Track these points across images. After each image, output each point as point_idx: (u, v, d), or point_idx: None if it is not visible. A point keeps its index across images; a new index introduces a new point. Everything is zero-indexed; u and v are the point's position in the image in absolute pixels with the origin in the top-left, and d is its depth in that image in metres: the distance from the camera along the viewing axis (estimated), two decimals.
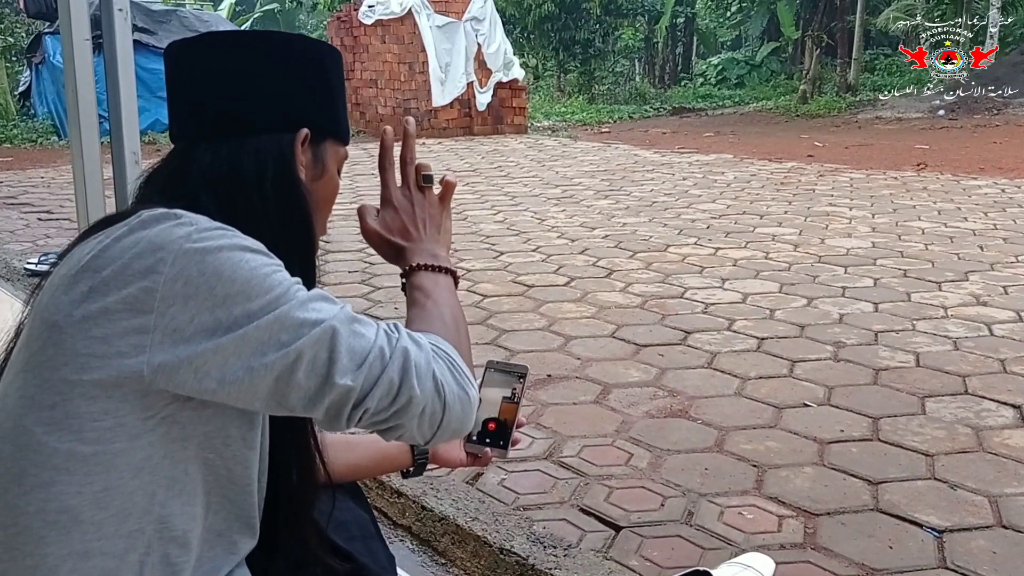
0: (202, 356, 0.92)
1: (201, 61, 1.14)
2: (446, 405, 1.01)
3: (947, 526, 2.35)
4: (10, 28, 16.84)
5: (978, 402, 3.18)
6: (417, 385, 0.98)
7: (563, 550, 2.24)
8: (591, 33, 21.54)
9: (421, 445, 1.07)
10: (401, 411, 0.98)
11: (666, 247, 5.88)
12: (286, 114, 1.12)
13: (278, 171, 1.11)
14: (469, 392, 1.04)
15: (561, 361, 3.67)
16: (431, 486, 2.53)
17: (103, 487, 0.95)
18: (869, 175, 9.22)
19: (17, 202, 7.94)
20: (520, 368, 1.49)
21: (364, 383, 0.95)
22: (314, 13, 28.86)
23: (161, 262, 0.93)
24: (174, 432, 0.98)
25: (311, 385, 0.94)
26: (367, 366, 0.96)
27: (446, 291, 1.19)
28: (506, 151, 11.76)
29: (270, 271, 0.97)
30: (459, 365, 1.05)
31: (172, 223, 0.97)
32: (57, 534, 0.95)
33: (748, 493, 2.54)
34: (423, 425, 1.00)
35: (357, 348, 0.96)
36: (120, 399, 0.94)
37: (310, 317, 0.95)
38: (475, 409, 1.06)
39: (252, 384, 0.93)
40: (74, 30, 2.48)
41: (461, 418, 1.03)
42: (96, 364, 0.93)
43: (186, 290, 0.92)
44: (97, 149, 2.64)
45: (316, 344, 0.94)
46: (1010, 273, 5.07)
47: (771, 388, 3.34)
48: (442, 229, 1.26)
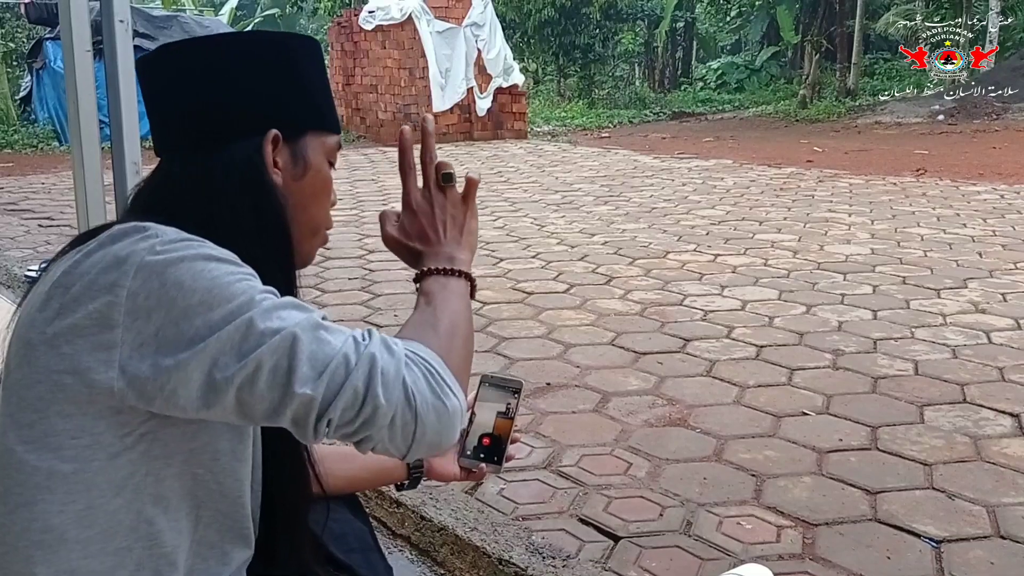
0: (166, 372, 0.91)
1: (162, 75, 1.13)
2: (417, 415, 0.94)
3: (945, 536, 2.36)
4: (11, 33, 16.88)
5: (976, 411, 3.18)
6: (383, 394, 0.92)
7: (562, 560, 2.24)
8: (591, 38, 21.56)
9: (400, 458, 0.98)
10: (368, 422, 0.92)
11: (665, 254, 5.89)
12: (249, 118, 1.09)
13: (248, 179, 1.08)
14: (447, 401, 0.96)
15: (560, 369, 3.68)
16: (430, 496, 2.54)
17: (85, 505, 0.96)
18: (868, 181, 9.22)
19: (18, 208, 7.94)
20: (515, 383, 1.50)
21: (326, 392, 0.91)
22: (315, 18, 28.89)
23: (124, 275, 0.92)
24: (156, 450, 0.98)
25: (273, 396, 0.91)
26: (328, 374, 0.91)
27: (454, 296, 1.11)
28: (506, 156, 11.78)
29: (234, 279, 0.94)
30: (438, 373, 0.97)
31: (138, 236, 0.96)
32: (43, 553, 0.96)
33: (747, 503, 2.55)
34: (395, 437, 0.94)
35: (319, 356, 0.91)
36: (95, 416, 0.94)
37: (272, 325, 0.91)
38: (457, 419, 0.97)
39: (216, 397, 0.91)
40: (75, 41, 2.50)
41: (439, 429, 0.96)
42: (68, 381, 0.93)
43: (148, 303, 0.91)
44: (98, 158, 2.66)
45: (276, 352, 0.90)
46: (1009, 280, 5.07)
47: (770, 396, 3.35)
48: (465, 230, 1.18)
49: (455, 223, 1.18)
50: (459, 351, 1.06)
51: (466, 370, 1.07)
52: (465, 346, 1.08)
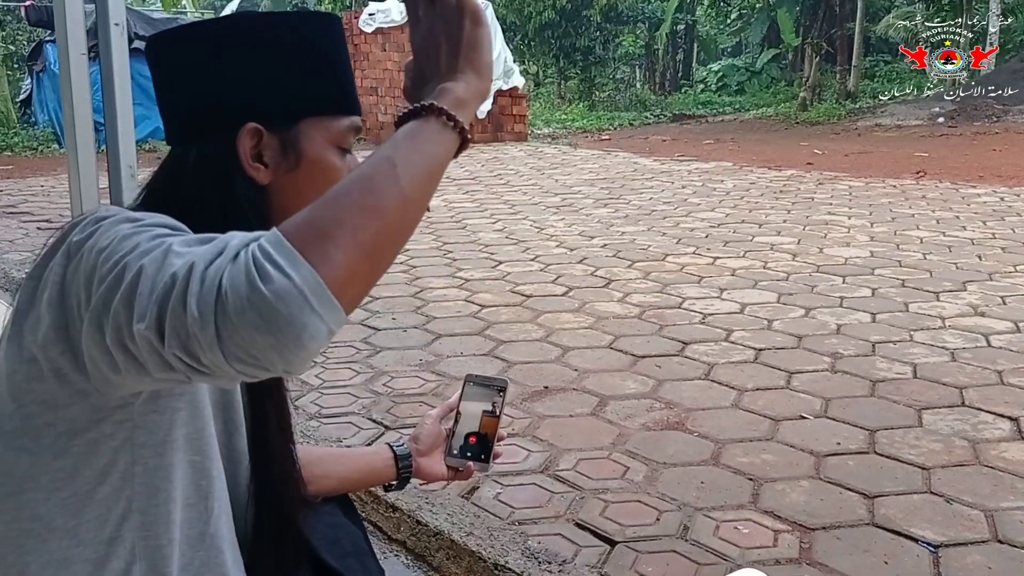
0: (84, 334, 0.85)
1: (154, 66, 1.11)
2: (232, 319, 0.73)
3: (943, 541, 2.35)
4: (11, 36, 16.89)
5: (975, 414, 3.17)
6: (196, 307, 0.73)
7: (558, 565, 2.23)
8: (591, 40, 21.58)
9: (275, 372, 0.76)
10: (203, 345, 0.74)
11: (665, 256, 5.88)
12: (226, 110, 1.03)
13: (218, 174, 1.03)
14: (266, 286, 0.72)
15: (558, 372, 3.67)
16: (426, 500, 2.53)
17: (70, 493, 0.95)
18: (868, 183, 9.22)
19: (17, 211, 7.94)
20: (500, 381, 1.50)
21: (158, 322, 0.75)
22: None
23: (66, 256, 0.91)
24: (140, 437, 0.96)
25: (129, 347, 0.79)
26: (155, 302, 0.76)
27: (401, 141, 0.85)
28: (506, 159, 11.77)
29: (136, 229, 0.85)
30: (266, 254, 0.74)
31: (87, 220, 0.94)
32: (34, 542, 0.96)
33: (744, 507, 2.54)
34: (238, 353, 0.74)
35: (157, 284, 0.76)
36: (67, 401, 0.93)
37: (136, 263, 0.79)
38: (297, 300, 0.72)
39: (117, 359, 0.81)
40: (70, 44, 2.48)
41: (267, 324, 0.72)
42: (36, 369, 0.93)
43: (72, 274, 0.88)
44: (93, 161, 2.65)
45: (123, 296, 0.79)
46: (1008, 283, 5.06)
47: (768, 400, 3.34)
48: (464, 44, 0.92)
49: (449, 40, 0.93)
50: (341, 215, 0.77)
51: (360, 238, 0.77)
52: (364, 206, 0.78)
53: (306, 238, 0.75)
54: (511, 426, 3.06)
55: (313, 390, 3.46)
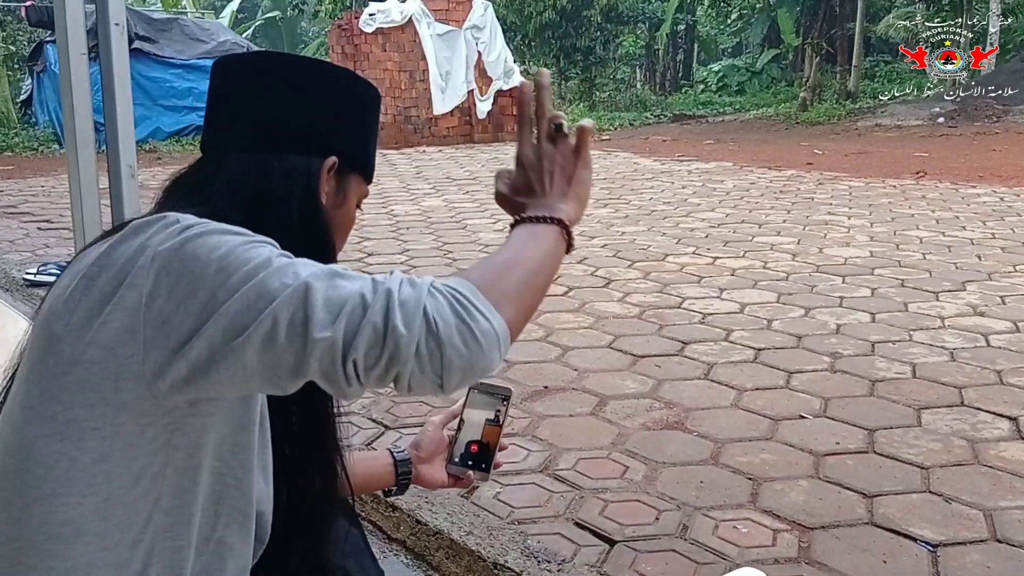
0: (191, 344, 0.90)
1: (250, 76, 1.17)
2: (441, 341, 0.89)
3: (942, 540, 2.35)
4: (12, 36, 16.91)
5: (974, 414, 3.18)
6: (402, 325, 0.88)
7: (557, 564, 2.24)
8: (592, 40, 21.58)
9: (439, 391, 0.94)
10: (394, 357, 0.88)
11: (664, 256, 5.88)
12: (319, 140, 1.14)
13: (304, 191, 1.12)
14: (473, 324, 0.91)
15: (558, 372, 3.67)
16: (426, 500, 2.53)
17: (104, 497, 0.95)
18: (868, 183, 9.22)
19: (17, 211, 7.95)
20: (504, 390, 1.50)
21: (345, 333, 0.88)
22: (315, 21, 28.95)
23: (145, 260, 0.94)
24: (177, 440, 0.98)
25: (295, 347, 0.89)
26: (345, 315, 0.89)
27: (534, 239, 1.08)
28: (506, 159, 11.75)
29: (250, 245, 0.94)
30: (465, 298, 0.92)
31: (159, 224, 0.97)
32: (61, 547, 0.95)
33: (743, 507, 2.54)
34: (425, 367, 0.90)
35: (335, 299, 0.89)
36: (118, 406, 0.93)
37: (286, 280, 0.90)
38: (491, 342, 0.92)
39: (240, 360, 0.90)
40: (70, 44, 2.49)
41: (468, 354, 0.90)
42: (94, 371, 0.93)
43: (168, 281, 0.92)
44: (93, 161, 2.66)
45: (290, 304, 0.89)
46: (1008, 283, 5.07)
47: (767, 399, 3.34)
48: (574, 180, 1.14)
49: (563, 173, 1.15)
50: (513, 284, 0.99)
51: (522, 304, 0.99)
52: (525, 281, 1.01)
53: (497, 296, 0.96)
54: (511, 426, 3.06)
55: None
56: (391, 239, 6.68)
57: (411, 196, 8.96)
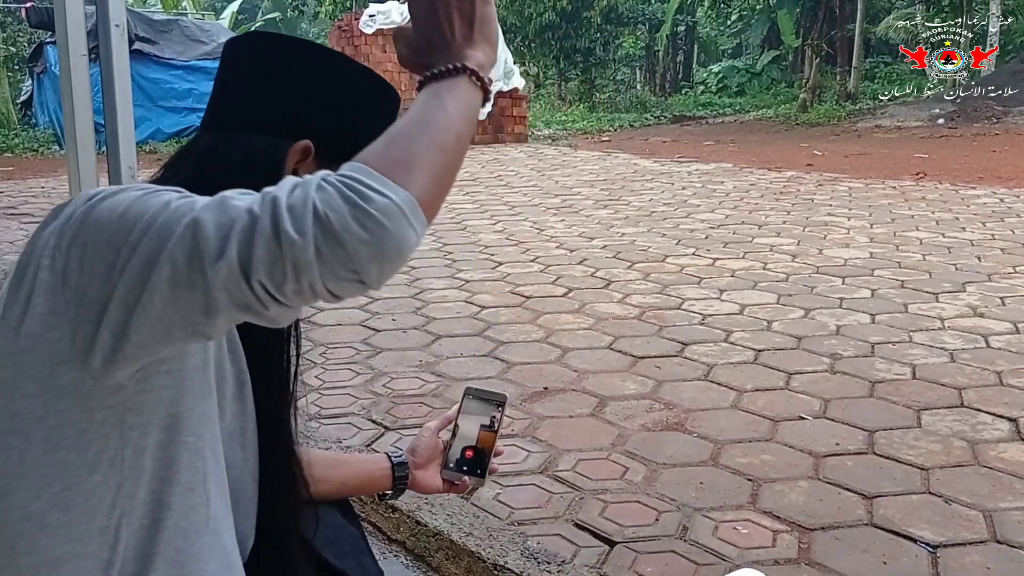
0: (108, 311, 0.87)
1: (239, 55, 1.18)
2: (336, 234, 0.80)
3: (941, 541, 2.35)
4: (12, 37, 16.91)
5: (974, 415, 3.18)
6: (293, 229, 0.80)
7: (557, 566, 2.24)
8: (592, 42, 21.60)
9: (366, 287, 0.85)
10: (298, 266, 0.81)
11: (664, 257, 5.88)
12: (291, 123, 1.13)
13: (264, 170, 1.09)
14: (369, 205, 0.81)
15: (558, 373, 3.67)
16: (425, 501, 2.53)
17: (62, 487, 0.94)
18: (868, 184, 9.23)
19: (17, 212, 7.95)
20: (499, 396, 1.50)
21: (240, 255, 0.81)
22: (316, 22, 28.97)
23: (60, 237, 0.92)
24: (131, 420, 0.95)
25: (198, 286, 0.83)
26: (235, 236, 0.82)
27: (440, 96, 0.95)
28: (506, 160, 11.78)
29: (147, 196, 0.89)
30: (357, 180, 0.83)
31: (74, 202, 0.94)
32: (26, 543, 0.94)
33: (743, 507, 2.54)
34: (335, 268, 0.81)
35: (224, 222, 0.83)
36: (58, 393, 0.92)
37: (182, 220, 0.84)
38: (393, 216, 0.82)
39: (151, 313, 0.85)
40: (71, 45, 2.49)
41: (372, 239, 0.81)
42: (29, 360, 0.92)
43: (77, 253, 0.89)
44: (93, 162, 2.66)
45: (183, 243, 0.83)
46: (1007, 284, 5.07)
47: (767, 401, 3.34)
48: (477, 20, 1.00)
49: (462, 16, 1.00)
50: (414, 150, 0.89)
51: (431, 169, 0.88)
52: (430, 143, 0.90)
53: (392, 167, 0.86)
54: (511, 427, 3.06)
55: (313, 391, 3.46)
56: None
57: None
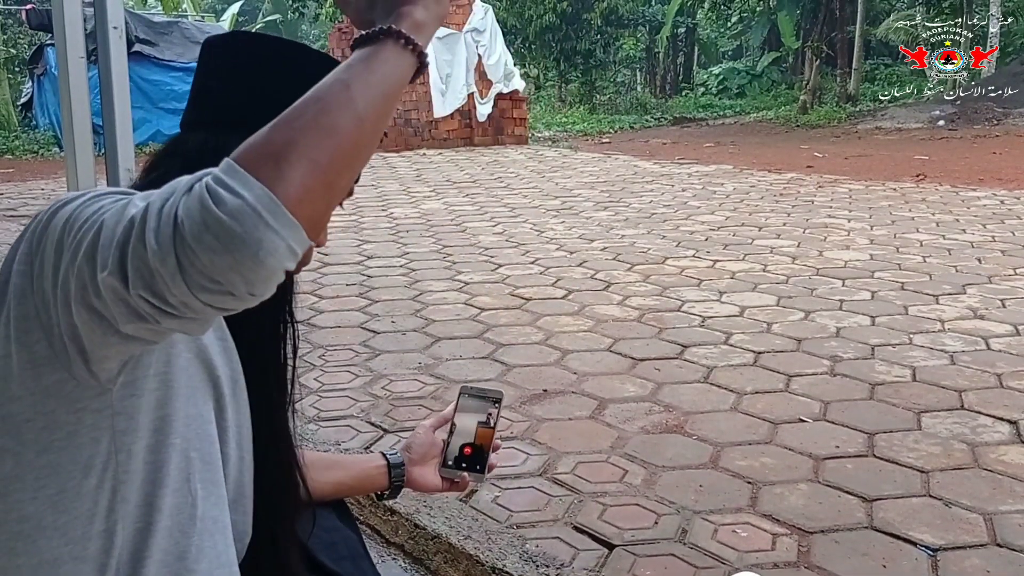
0: (60, 317, 0.86)
1: (222, 54, 1.17)
2: (186, 242, 0.72)
3: (941, 544, 2.34)
4: (13, 39, 16.92)
5: (974, 417, 3.17)
6: (154, 238, 0.73)
7: (556, 569, 2.23)
8: (592, 43, 21.61)
9: (241, 303, 0.77)
10: (170, 278, 0.74)
11: (664, 259, 5.88)
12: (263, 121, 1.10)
13: None
14: (218, 209, 0.72)
15: (557, 376, 3.66)
16: (424, 504, 2.53)
17: (57, 489, 0.94)
18: (868, 186, 9.22)
19: (17, 214, 7.95)
20: (495, 393, 1.50)
21: (119, 266, 0.75)
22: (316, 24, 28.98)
23: (28, 243, 0.92)
24: (121, 424, 0.95)
25: (101, 298, 0.79)
26: (116, 247, 0.76)
27: (352, 66, 0.84)
28: (506, 162, 11.78)
29: (89, 201, 0.86)
30: (217, 179, 0.74)
31: (48, 206, 0.94)
32: (24, 544, 0.94)
33: (742, 510, 2.53)
34: (197, 279, 0.73)
35: (114, 231, 0.77)
36: (44, 394, 0.92)
37: (93, 224, 0.81)
38: (251, 217, 0.73)
39: (82, 320, 0.83)
40: (69, 47, 2.49)
41: (226, 246, 0.72)
42: (12, 364, 0.92)
43: (39, 258, 0.89)
44: (91, 164, 2.65)
45: (88, 252, 0.79)
46: (1008, 286, 5.06)
47: (767, 403, 3.34)
48: None
49: None
50: (293, 134, 0.78)
51: (312, 155, 0.77)
52: (322, 125, 0.79)
53: (257, 160, 0.76)
54: (510, 429, 3.06)
55: (312, 393, 3.46)
56: (391, 242, 6.67)
57: (411, 199, 8.95)
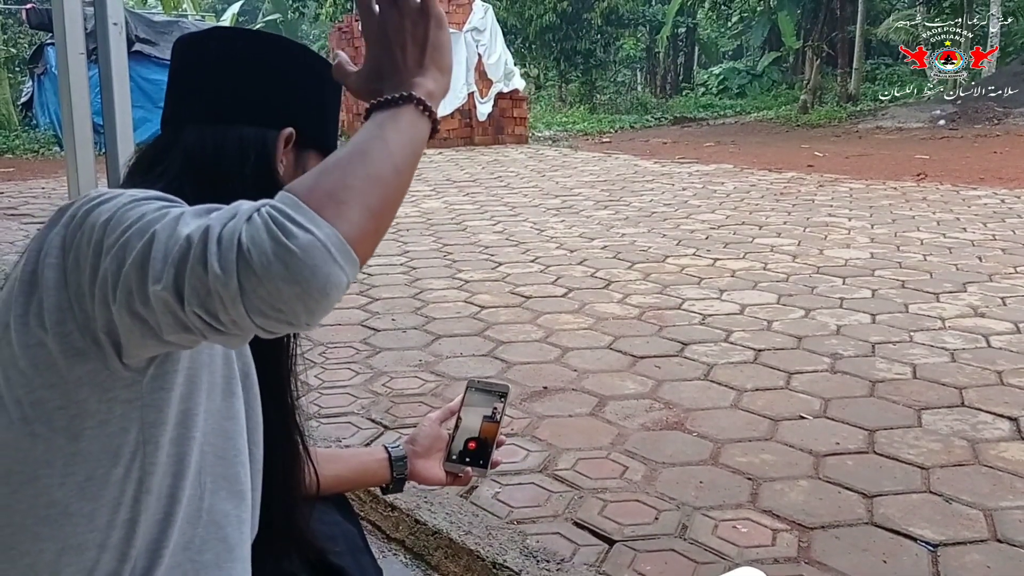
0: (98, 314, 0.88)
1: (206, 50, 1.18)
2: (256, 272, 0.78)
3: (942, 540, 2.34)
4: (13, 39, 16.92)
5: (974, 414, 3.17)
6: (218, 263, 0.78)
7: (556, 564, 2.23)
8: (592, 43, 21.61)
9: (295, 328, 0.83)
10: (224, 300, 0.79)
11: (664, 258, 5.88)
12: (275, 112, 1.14)
13: (258, 161, 1.12)
14: (291, 241, 0.78)
15: (558, 373, 3.67)
16: (424, 499, 2.53)
17: (86, 476, 0.95)
18: (869, 185, 9.22)
19: (18, 213, 7.95)
20: (501, 387, 1.49)
21: (176, 283, 0.80)
22: (316, 24, 28.97)
23: (63, 237, 0.93)
24: (149, 416, 0.97)
25: (148, 307, 0.82)
26: (172, 264, 0.80)
27: (383, 127, 0.92)
28: (506, 161, 11.78)
29: (133, 204, 0.88)
30: (283, 214, 0.80)
31: (79, 202, 0.95)
32: (50, 529, 0.95)
33: (742, 506, 2.54)
34: (259, 306, 0.79)
35: (169, 246, 0.81)
36: (76, 383, 0.93)
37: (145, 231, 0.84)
38: (316, 253, 0.79)
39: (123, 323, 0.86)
40: (68, 44, 2.49)
41: (295, 278, 0.78)
42: (44, 353, 0.93)
43: (74, 254, 0.91)
44: (91, 162, 2.65)
45: (137, 261, 0.83)
46: (1008, 284, 5.06)
47: (767, 400, 3.34)
48: (429, 46, 0.98)
49: (415, 41, 0.97)
50: (349, 182, 0.85)
51: (366, 202, 0.85)
52: (367, 176, 0.86)
53: (321, 201, 0.82)
54: (510, 426, 3.06)
55: (313, 390, 3.46)
56: (391, 241, 6.67)
57: (411, 198, 8.95)
